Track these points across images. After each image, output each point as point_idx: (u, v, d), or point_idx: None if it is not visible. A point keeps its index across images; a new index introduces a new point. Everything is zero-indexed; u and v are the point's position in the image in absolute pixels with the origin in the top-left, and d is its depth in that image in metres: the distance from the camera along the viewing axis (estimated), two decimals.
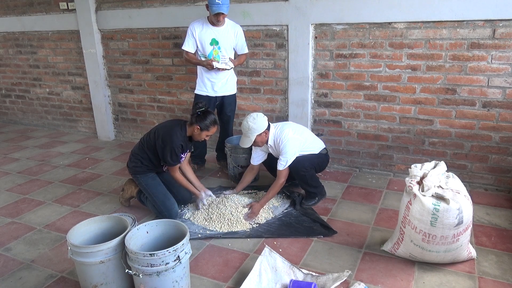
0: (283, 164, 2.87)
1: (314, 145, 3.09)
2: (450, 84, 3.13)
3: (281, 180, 2.91)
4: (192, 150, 3.07)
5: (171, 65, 4.29)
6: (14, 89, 5.67)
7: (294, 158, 2.89)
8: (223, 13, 3.16)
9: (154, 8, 4.13)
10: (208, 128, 2.75)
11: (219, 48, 3.35)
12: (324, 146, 3.18)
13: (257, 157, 3.14)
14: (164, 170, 3.00)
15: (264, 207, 2.93)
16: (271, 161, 3.14)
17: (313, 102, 3.68)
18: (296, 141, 2.91)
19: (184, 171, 3.07)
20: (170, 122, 2.91)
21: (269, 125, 2.95)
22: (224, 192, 3.18)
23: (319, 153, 3.09)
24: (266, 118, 2.93)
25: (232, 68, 3.41)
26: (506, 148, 3.10)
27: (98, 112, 4.90)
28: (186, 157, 3.01)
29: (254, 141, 2.89)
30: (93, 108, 4.93)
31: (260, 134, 2.88)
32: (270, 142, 2.97)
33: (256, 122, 2.86)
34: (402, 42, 3.19)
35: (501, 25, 2.87)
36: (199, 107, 2.75)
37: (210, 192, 3.06)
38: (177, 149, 2.72)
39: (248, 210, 2.88)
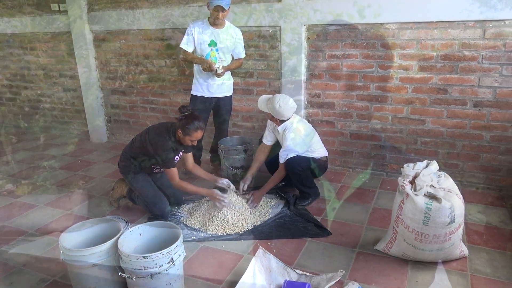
0: (283, 158, 2.95)
1: (317, 151, 3.12)
2: (441, 84, 3.16)
3: (282, 173, 3.01)
4: (190, 151, 3.00)
5: (164, 66, 4.28)
6: (4, 92, 5.61)
7: (294, 153, 2.93)
8: (222, 8, 3.07)
9: (146, 9, 4.11)
10: (189, 133, 2.62)
11: (217, 50, 3.31)
12: (326, 155, 3.20)
13: (269, 136, 3.22)
14: (155, 171, 2.95)
15: (259, 209, 2.95)
16: (272, 159, 3.23)
17: (306, 102, 3.68)
18: (299, 139, 2.96)
19: (194, 171, 3.05)
20: (160, 125, 2.83)
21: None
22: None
23: (318, 159, 3.11)
24: (294, 109, 2.97)
25: (220, 71, 3.27)
26: (497, 147, 3.14)
27: (91, 114, 4.87)
28: (189, 158, 3.00)
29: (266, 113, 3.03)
30: (86, 110, 4.89)
31: (274, 117, 2.97)
32: (280, 127, 3.02)
33: (281, 109, 2.90)
34: (394, 42, 3.21)
35: (491, 25, 2.90)
36: (183, 111, 2.64)
37: (226, 181, 2.92)
38: (168, 154, 2.69)
39: (250, 197, 3.00)
